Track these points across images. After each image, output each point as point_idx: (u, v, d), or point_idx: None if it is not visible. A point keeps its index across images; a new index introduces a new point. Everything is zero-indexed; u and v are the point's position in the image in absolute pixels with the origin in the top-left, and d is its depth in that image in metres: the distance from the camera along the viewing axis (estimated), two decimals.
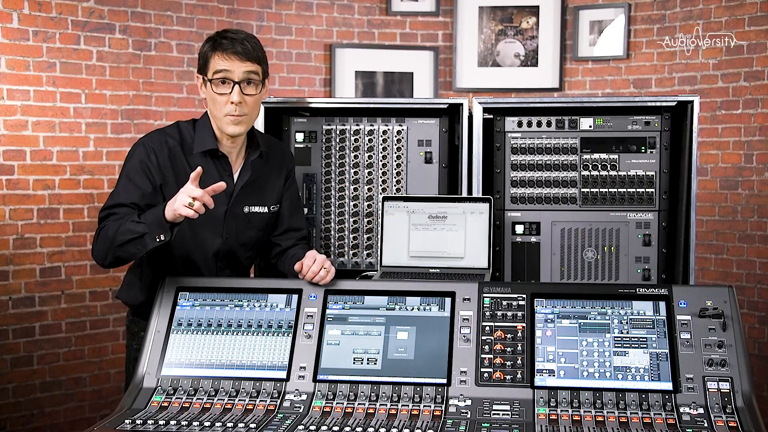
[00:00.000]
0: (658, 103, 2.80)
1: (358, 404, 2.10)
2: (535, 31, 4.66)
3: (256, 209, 2.54)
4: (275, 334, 2.24)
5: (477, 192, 2.83)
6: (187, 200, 2.13)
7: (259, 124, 2.79)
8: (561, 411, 2.04)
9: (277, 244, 2.63)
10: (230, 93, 2.36)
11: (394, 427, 1.98)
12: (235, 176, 2.50)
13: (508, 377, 2.12)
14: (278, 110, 2.89)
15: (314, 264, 2.31)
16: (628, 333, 2.16)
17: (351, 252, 2.95)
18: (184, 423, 2.01)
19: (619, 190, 2.83)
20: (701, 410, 2.00)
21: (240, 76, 2.36)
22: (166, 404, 2.12)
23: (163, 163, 2.41)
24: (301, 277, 2.34)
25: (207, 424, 2.00)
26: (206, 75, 2.40)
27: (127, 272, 2.63)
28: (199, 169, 2.20)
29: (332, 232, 2.94)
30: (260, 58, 2.41)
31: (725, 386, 2.04)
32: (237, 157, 2.51)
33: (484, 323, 2.21)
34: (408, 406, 2.08)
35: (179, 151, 2.44)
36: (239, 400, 2.12)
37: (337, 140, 2.94)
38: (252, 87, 2.39)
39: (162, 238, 2.20)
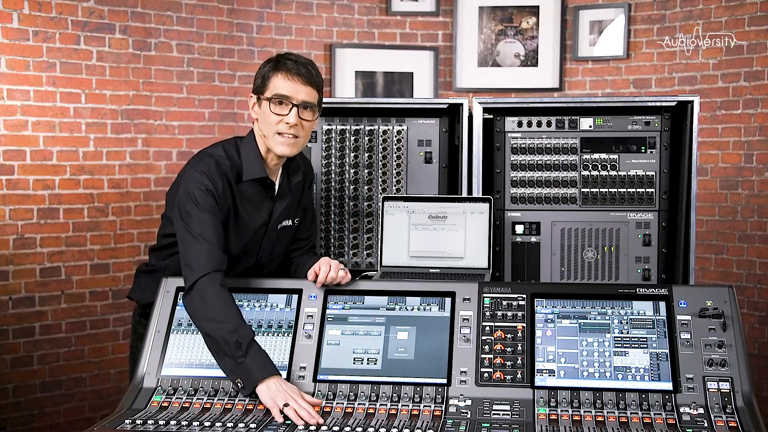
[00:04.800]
0: (658, 103, 2.80)
1: (358, 404, 2.10)
2: (535, 31, 4.66)
3: (286, 223, 2.52)
4: (275, 334, 2.24)
5: (477, 192, 2.83)
6: (281, 406, 2.04)
7: None
8: (561, 411, 2.04)
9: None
10: (287, 114, 2.30)
11: (394, 427, 1.98)
12: (274, 197, 2.48)
13: (508, 377, 2.12)
14: None
15: (330, 270, 2.31)
16: (628, 333, 2.16)
17: (351, 252, 2.95)
18: (184, 423, 2.01)
19: (619, 190, 2.83)
20: (701, 410, 2.00)
21: (299, 99, 2.30)
22: (166, 404, 2.12)
23: (223, 191, 2.34)
24: (318, 285, 2.32)
25: (207, 424, 2.00)
26: (264, 94, 2.33)
27: (141, 274, 2.61)
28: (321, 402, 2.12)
29: (332, 232, 2.94)
30: (319, 86, 2.37)
31: (725, 386, 2.04)
32: (274, 176, 2.47)
33: (484, 323, 2.21)
34: (408, 406, 2.08)
35: (232, 178, 2.37)
36: (239, 400, 2.12)
37: (337, 140, 2.94)
38: (309, 112, 2.34)
39: (240, 386, 2.12)
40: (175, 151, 4.31)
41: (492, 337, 2.18)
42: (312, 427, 1.98)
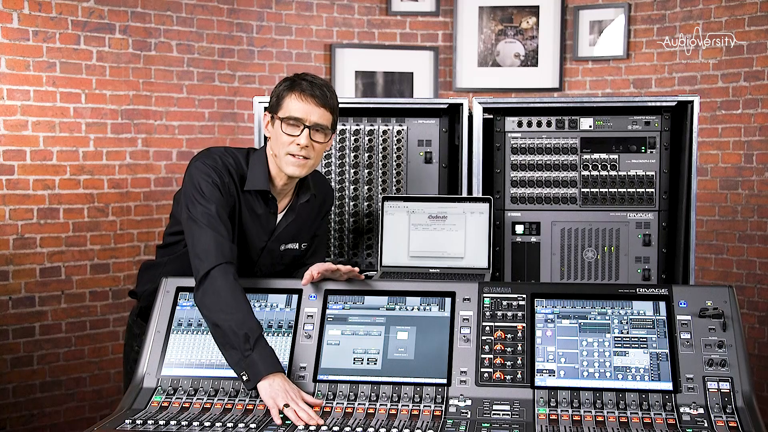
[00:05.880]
0: (658, 103, 2.80)
1: (358, 404, 2.10)
2: (535, 31, 4.66)
3: (291, 246, 2.50)
4: (275, 334, 2.24)
5: (477, 192, 2.83)
6: (281, 406, 2.02)
7: (260, 124, 2.79)
8: (561, 411, 2.04)
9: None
10: (299, 135, 2.28)
11: (394, 427, 1.98)
12: (279, 215, 2.45)
13: (508, 377, 2.12)
14: None
15: (319, 267, 2.28)
16: (628, 333, 2.16)
17: (351, 252, 2.95)
18: (184, 423, 2.00)
19: (619, 190, 2.83)
20: (701, 410, 2.00)
21: (311, 121, 2.28)
22: (166, 404, 2.12)
23: (228, 188, 2.33)
24: (304, 282, 2.29)
25: (207, 424, 2.00)
26: (277, 113, 2.31)
27: (143, 270, 2.61)
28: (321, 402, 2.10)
29: (332, 233, 2.94)
30: (334, 108, 2.34)
31: (725, 386, 2.04)
32: (285, 196, 2.45)
33: (484, 323, 2.21)
34: (408, 406, 2.08)
35: (237, 180, 2.36)
36: (239, 400, 2.12)
37: (337, 140, 2.94)
38: (321, 135, 2.31)
39: (244, 379, 2.11)
40: (175, 151, 4.31)
41: (492, 337, 2.18)
42: (312, 428, 1.98)
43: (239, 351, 2.10)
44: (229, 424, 1.99)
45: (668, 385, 2.06)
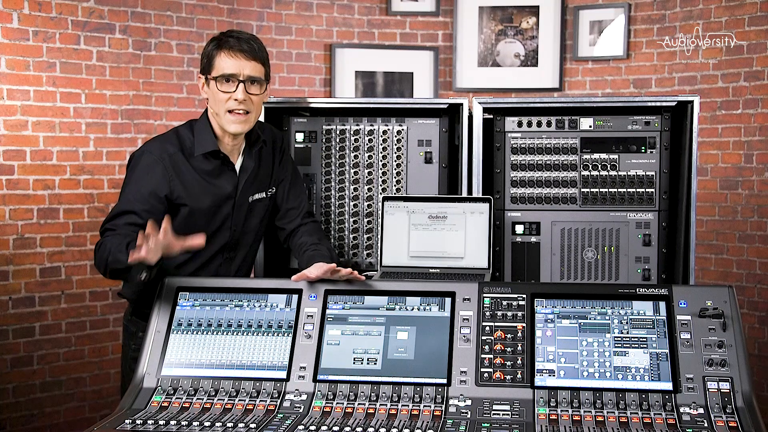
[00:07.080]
0: (658, 103, 2.80)
1: (358, 404, 2.10)
2: (535, 31, 4.66)
3: (257, 196, 2.56)
4: (275, 334, 2.24)
5: (477, 192, 2.83)
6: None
7: None
8: (561, 411, 2.04)
9: (281, 228, 2.64)
10: (234, 91, 2.36)
11: (394, 427, 1.98)
12: (237, 167, 2.51)
13: (508, 377, 2.12)
14: (278, 110, 2.90)
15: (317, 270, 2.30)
16: (628, 333, 2.16)
17: (351, 252, 2.95)
18: (184, 423, 2.01)
19: (619, 190, 2.83)
20: (701, 410, 2.00)
21: (245, 75, 2.37)
22: (166, 404, 2.12)
23: (167, 171, 2.39)
24: (294, 279, 2.33)
25: (207, 424, 2.00)
26: (210, 74, 2.40)
27: None
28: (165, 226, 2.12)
29: (332, 232, 2.94)
30: (264, 59, 2.43)
31: (725, 386, 2.04)
32: (236, 151, 2.52)
33: (484, 323, 2.21)
34: (408, 406, 2.08)
35: (180, 157, 2.42)
36: (239, 400, 2.12)
37: (337, 140, 2.94)
38: (256, 87, 2.40)
39: (142, 277, 2.18)
40: None
41: (492, 337, 2.18)
42: (312, 427, 1.98)
43: (131, 270, 2.17)
44: (229, 424, 1.99)
45: (668, 385, 2.06)
